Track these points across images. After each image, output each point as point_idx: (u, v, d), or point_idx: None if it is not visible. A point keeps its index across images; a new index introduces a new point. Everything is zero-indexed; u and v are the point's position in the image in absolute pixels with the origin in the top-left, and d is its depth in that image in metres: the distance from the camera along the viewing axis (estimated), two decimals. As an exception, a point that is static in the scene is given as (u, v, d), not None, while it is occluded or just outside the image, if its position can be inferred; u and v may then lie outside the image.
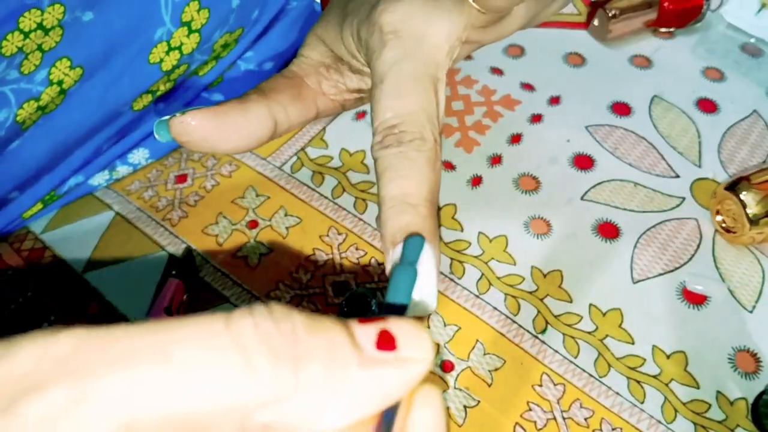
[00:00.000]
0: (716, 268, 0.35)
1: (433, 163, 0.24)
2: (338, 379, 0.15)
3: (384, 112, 0.25)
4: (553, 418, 0.30)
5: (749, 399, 0.30)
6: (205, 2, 0.34)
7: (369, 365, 0.15)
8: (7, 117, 0.29)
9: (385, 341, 0.16)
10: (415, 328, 0.16)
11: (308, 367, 0.15)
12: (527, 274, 0.34)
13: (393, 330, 0.16)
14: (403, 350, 0.16)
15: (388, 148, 0.24)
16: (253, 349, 0.14)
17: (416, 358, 0.16)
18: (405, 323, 0.16)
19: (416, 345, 0.16)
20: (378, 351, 0.16)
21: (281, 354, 0.15)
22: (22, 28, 0.27)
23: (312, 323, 0.15)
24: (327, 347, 0.15)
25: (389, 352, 0.16)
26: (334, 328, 0.16)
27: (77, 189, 0.37)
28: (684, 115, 0.42)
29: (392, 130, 0.24)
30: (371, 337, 0.16)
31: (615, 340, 0.32)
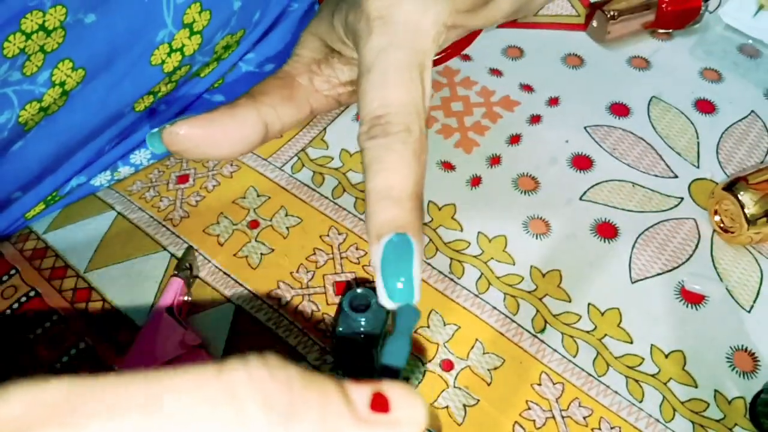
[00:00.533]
0: (714, 267, 0.35)
1: (419, 155, 0.24)
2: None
3: (371, 102, 0.25)
4: (552, 417, 0.30)
5: (747, 398, 0.30)
6: (206, 4, 0.34)
7: (362, 425, 0.15)
8: (10, 118, 0.30)
9: (378, 403, 0.16)
10: (408, 391, 0.16)
11: (302, 420, 0.15)
12: (526, 273, 0.34)
13: (386, 392, 0.16)
14: (396, 413, 0.16)
15: (374, 139, 0.24)
16: (245, 399, 0.14)
17: (409, 421, 0.16)
18: (399, 386, 0.16)
19: (409, 408, 0.16)
20: (371, 412, 0.16)
21: (275, 405, 0.14)
22: (24, 29, 0.28)
23: (307, 376, 0.15)
24: (321, 402, 0.15)
25: (382, 414, 0.16)
26: (328, 384, 0.16)
27: (79, 189, 0.37)
28: (682, 115, 0.42)
29: (378, 120, 0.24)
30: (365, 398, 0.16)
31: (614, 340, 0.32)
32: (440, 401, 0.30)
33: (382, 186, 0.23)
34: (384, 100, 0.24)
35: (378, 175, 0.24)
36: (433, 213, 0.37)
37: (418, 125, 0.24)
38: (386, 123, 0.24)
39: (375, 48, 0.25)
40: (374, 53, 0.25)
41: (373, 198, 0.23)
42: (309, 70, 0.31)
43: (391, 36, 0.25)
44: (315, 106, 0.32)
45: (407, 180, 0.24)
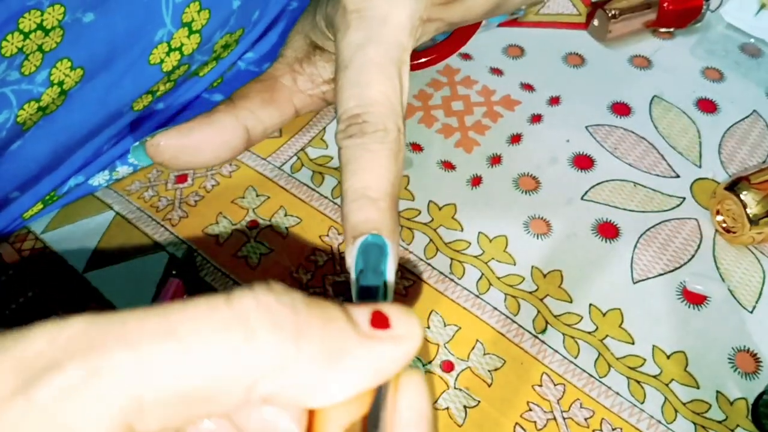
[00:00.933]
0: (716, 268, 0.35)
1: (396, 154, 0.24)
2: (337, 352, 0.16)
3: (348, 100, 0.25)
4: (553, 418, 0.30)
5: (749, 399, 0.30)
6: (205, 3, 0.34)
7: (366, 340, 0.16)
8: (8, 118, 0.30)
9: (379, 320, 0.17)
10: (405, 310, 0.17)
11: (309, 338, 0.15)
12: (527, 274, 0.34)
13: (385, 311, 0.17)
14: (396, 329, 0.17)
15: (351, 138, 0.24)
16: (254, 321, 0.15)
17: (408, 336, 0.17)
18: (395, 306, 0.17)
19: (407, 324, 0.17)
20: (373, 329, 0.16)
21: (282, 325, 0.15)
22: (21, 28, 0.27)
23: (310, 300, 0.16)
24: (325, 321, 0.16)
25: (383, 330, 0.16)
26: (331, 306, 0.16)
27: (78, 189, 0.37)
28: (684, 115, 0.42)
29: (356, 119, 0.24)
30: (366, 316, 0.17)
31: (615, 340, 0.32)
32: (441, 402, 0.30)
33: (359, 186, 0.24)
34: (361, 99, 0.24)
35: (354, 175, 0.24)
36: (433, 213, 0.37)
37: (395, 124, 0.24)
38: (363, 122, 0.24)
39: (352, 43, 0.25)
40: (352, 49, 0.25)
41: (350, 198, 0.24)
42: (292, 70, 0.31)
43: (368, 30, 0.25)
44: (299, 106, 0.31)
45: (383, 180, 0.24)
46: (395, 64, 0.25)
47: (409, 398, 0.17)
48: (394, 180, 0.24)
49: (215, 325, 0.15)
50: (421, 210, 0.37)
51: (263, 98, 0.30)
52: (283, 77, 0.31)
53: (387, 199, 0.24)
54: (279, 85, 0.31)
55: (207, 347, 0.14)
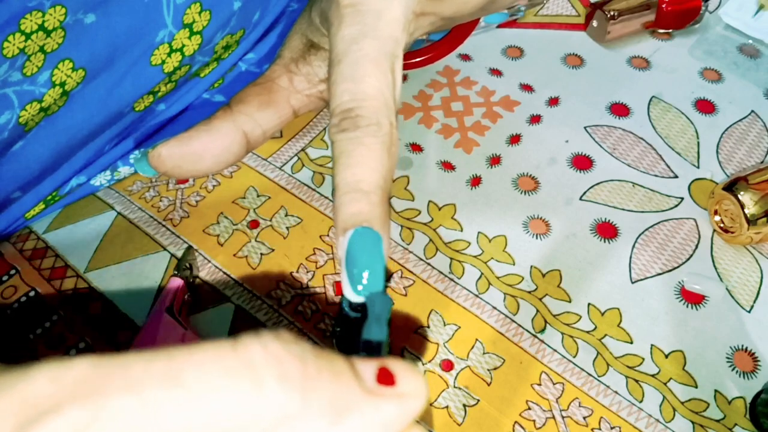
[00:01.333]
0: (714, 267, 0.35)
1: (388, 148, 0.24)
2: (344, 407, 0.15)
3: (341, 94, 0.25)
4: (552, 417, 0.30)
5: (747, 398, 0.30)
6: (206, 4, 0.34)
7: (371, 397, 0.16)
8: (10, 119, 0.30)
9: (385, 377, 0.17)
10: (411, 367, 0.17)
11: (316, 391, 0.15)
12: (526, 273, 0.34)
13: (391, 368, 0.17)
14: (401, 386, 0.17)
15: (344, 132, 0.24)
16: (262, 370, 0.15)
17: (413, 394, 0.17)
18: (401, 363, 0.17)
19: (413, 382, 0.17)
20: (379, 385, 0.16)
21: (290, 376, 0.15)
22: (23, 29, 0.28)
23: (318, 351, 0.16)
24: (332, 376, 0.16)
25: (389, 387, 0.16)
26: (338, 359, 0.16)
27: (79, 189, 0.37)
28: (682, 115, 0.42)
29: (349, 113, 0.24)
30: (372, 372, 0.17)
31: (614, 340, 0.32)
32: (440, 401, 0.30)
33: (351, 179, 0.24)
34: (354, 93, 0.24)
35: (347, 169, 0.24)
36: (433, 213, 0.37)
37: (388, 118, 0.25)
38: (356, 116, 0.24)
39: (346, 37, 0.25)
40: (345, 43, 0.25)
41: (341, 191, 0.24)
42: (288, 71, 0.31)
43: (361, 25, 0.25)
44: (297, 107, 0.31)
45: (375, 173, 0.24)
46: (389, 59, 0.25)
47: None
48: (386, 173, 0.24)
49: (222, 373, 0.14)
50: (421, 210, 0.37)
51: (260, 101, 0.30)
52: (280, 79, 0.31)
53: (379, 192, 0.24)
54: (276, 87, 0.31)
55: (213, 395, 0.14)
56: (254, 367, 0.15)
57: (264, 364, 0.15)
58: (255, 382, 0.15)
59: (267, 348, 0.15)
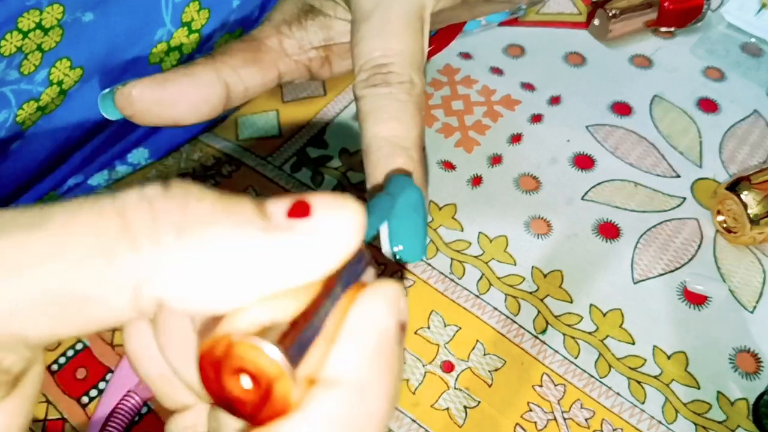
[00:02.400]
0: (717, 268, 0.35)
1: (422, 109, 0.23)
2: (236, 245, 0.13)
3: (371, 50, 0.24)
4: (554, 418, 0.30)
5: (750, 399, 0.30)
6: (205, 3, 0.34)
7: (274, 231, 0.13)
8: (7, 117, 0.30)
9: (297, 209, 0.14)
10: (338, 196, 0.14)
11: (195, 231, 0.13)
12: (527, 274, 0.34)
13: (310, 200, 0.14)
14: (316, 219, 0.14)
15: (375, 88, 0.23)
16: (131, 215, 0.13)
17: (329, 228, 0.14)
18: (327, 194, 0.14)
19: (336, 212, 0.14)
20: (287, 219, 0.14)
21: (163, 220, 0.13)
22: (20, 27, 0.27)
23: (218, 195, 0.14)
24: (225, 215, 0.13)
25: (300, 219, 0.14)
26: (243, 200, 0.14)
27: (76, 189, 0.37)
28: (685, 114, 0.42)
29: (380, 69, 0.23)
30: (283, 207, 0.14)
31: (615, 341, 0.32)
32: (441, 403, 0.30)
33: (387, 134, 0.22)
34: (386, 49, 0.23)
35: (381, 124, 0.22)
36: (433, 213, 0.37)
37: (420, 79, 0.24)
38: (388, 72, 0.23)
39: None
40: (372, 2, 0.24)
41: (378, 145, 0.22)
42: (278, 32, 0.30)
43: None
44: (283, 70, 0.30)
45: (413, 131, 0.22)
46: (418, 20, 0.24)
47: (361, 309, 0.14)
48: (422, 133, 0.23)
49: (92, 221, 0.13)
50: (422, 210, 0.37)
51: (246, 57, 0.28)
52: (269, 39, 0.30)
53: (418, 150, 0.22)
54: (264, 47, 0.29)
55: (76, 238, 0.13)
56: (125, 212, 0.13)
57: (135, 208, 0.13)
58: (122, 225, 0.13)
59: (143, 194, 0.13)
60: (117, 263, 0.13)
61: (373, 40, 0.24)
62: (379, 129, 0.23)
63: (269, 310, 0.14)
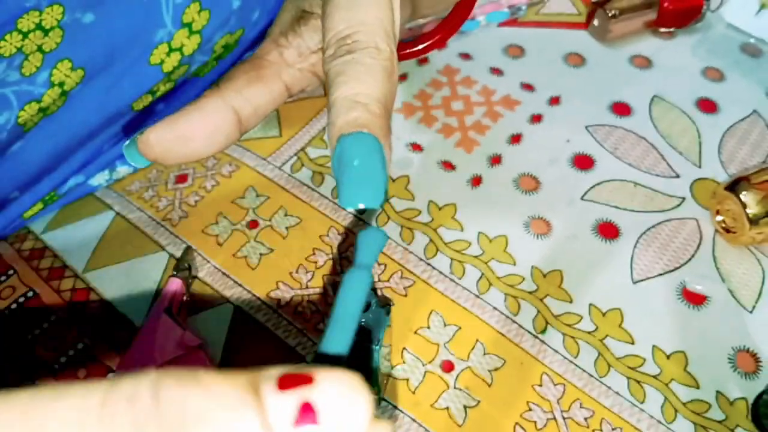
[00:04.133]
0: (716, 268, 0.35)
1: (390, 73, 0.23)
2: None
3: (336, 25, 0.23)
4: (554, 418, 0.30)
5: (749, 399, 0.30)
6: (206, 3, 0.34)
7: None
8: (9, 119, 0.30)
9: (304, 416, 0.13)
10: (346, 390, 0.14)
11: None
12: (527, 274, 0.34)
13: (316, 398, 0.13)
14: (327, 423, 0.13)
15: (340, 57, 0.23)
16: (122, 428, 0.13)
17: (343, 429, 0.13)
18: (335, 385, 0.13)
19: (345, 414, 0.13)
20: (295, 427, 0.13)
21: None
22: (20, 28, 0.27)
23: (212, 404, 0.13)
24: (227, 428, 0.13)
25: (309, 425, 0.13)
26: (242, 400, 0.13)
27: (77, 189, 0.37)
28: (684, 115, 0.42)
29: (345, 41, 0.23)
30: (290, 412, 0.13)
31: (615, 340, 0.32)
32: (441, 402, 0.30)
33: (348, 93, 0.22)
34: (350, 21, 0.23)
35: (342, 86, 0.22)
36: (433, 213, 0.37)
37: (388, 45, 0.23)
38: (353, 42, 0.23)
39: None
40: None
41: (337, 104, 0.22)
42: (277, 45, 0.30)
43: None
44: (289, 82, 0.30)
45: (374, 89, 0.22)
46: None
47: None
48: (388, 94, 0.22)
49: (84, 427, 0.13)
50: (421, 210, 0.37)
51: (249, 77, 0.29)
52: (269, 54, 0.30)
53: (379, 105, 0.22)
54: (265, 63, 0.30)
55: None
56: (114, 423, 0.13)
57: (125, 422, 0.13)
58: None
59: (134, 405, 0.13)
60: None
61: (338, 13, 0.24)
62: (341, 90, 0.22)
63: None
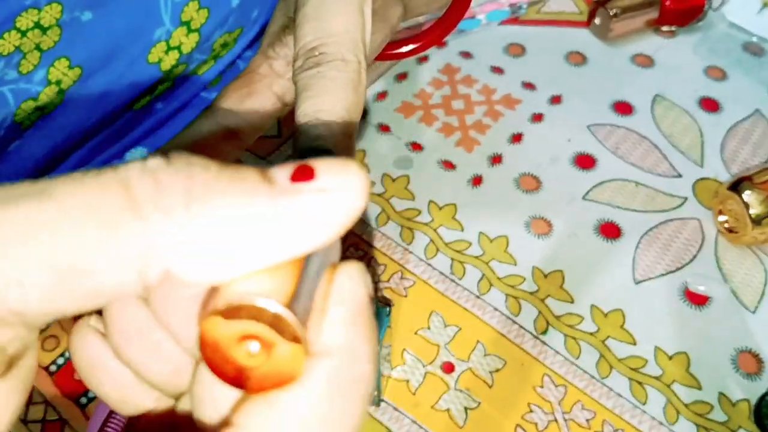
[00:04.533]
0: (719, 268, 0.34)
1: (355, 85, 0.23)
2: (242, 212, 0.13)
3: (305, 34, 0.24)
4: (555, 419, 0.30)
5: (752, 400, 0.30)
6: (204, 2, 0.34)
7: (280, 195, 0.13)
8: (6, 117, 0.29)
9: (301, 173, 0.14)
10: (340, 160, 0.14)
11: (203, 200, 0.13)
12: (528, 274, 0.34)
13: (313, 164, 0.14)
14: (322, 180, 0.14)
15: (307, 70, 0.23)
16: (135, 186, 0.13)
17: (339, 186, 0.14)
18: (329, 159, 0.14)
19: (340, 173, 0.14)
20: (292, 183, 0.14)
21: (170, 191, 0.13)
22: (18, 26, 0.27)
23: (221, 166, 0.14)
24: (231, 184, 0.13)
25: (305, 182, 0.14)
26: (246, 169, 0.14)
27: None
28: (686, 114, 0.41)
29: (312, 52, 0.23)
30: (286, 173, 0.14)
31: (617, 341, 0.32)
32: (441, 404, 0.30)
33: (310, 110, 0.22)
34: (318, 32, 0.23)
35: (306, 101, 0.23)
36: (433, 213, 0.36)
37: (355, 56, 0.24)
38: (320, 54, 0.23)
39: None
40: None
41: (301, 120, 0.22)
42: (266, 57, 0.30)
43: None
44: (281, 93, 0.30)
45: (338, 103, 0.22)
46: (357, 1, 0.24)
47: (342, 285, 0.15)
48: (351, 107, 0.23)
49: (97, 190, 0.13)
50: (422, 210, 0.37)
51: (240, 94, 0.29)
52: (260, 68, 0.30)
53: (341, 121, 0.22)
54: (255, 77, 0.30)
55: (81, 209, 0.13)
56: (129, 184, 0.13)
57: (139, 179, 0.13)
58: (127, 196, 0.13)
59: (146, 165, 0.13)
60: (122, 234, 0.13)
61: (307, 24, 0.24)
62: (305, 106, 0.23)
63: (269, 280, 0.14)
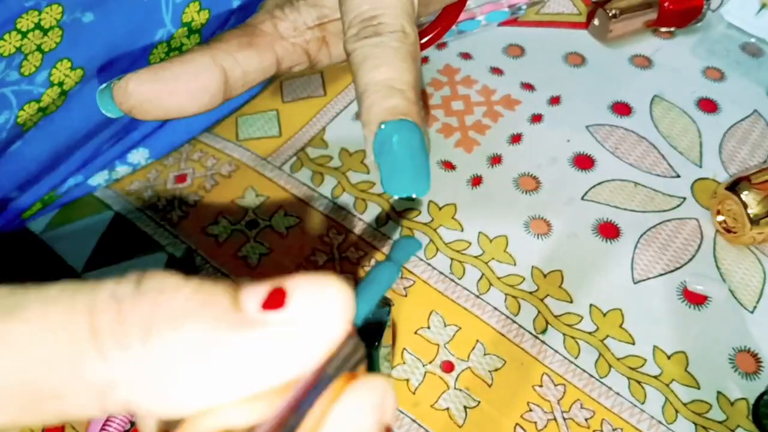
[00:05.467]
0: (717, 268, 0.35)
1: (416, 57, 0.23)
2: (205, 345, 0.12)
3: (360, 5, 0.24)
4: (554, 418, 0.30)
5: (750, 399, 0.30)
6: (205, 3, 0.34)
7: (244, 328, 0.13)
8: (9, 119, 0.30)
9: (272, 300, 0.13)
10: (319, 279, 0.13)
11: (163, 331, 0.12)
12: (527, 274, 0.34)
13: (287, 285, 0.13)
14: (294, 308, 0.13)
15: (366, 39, 0.23)
16: (99, 316, 0.13)
17: (312, 316, 0.13)
18: (307, 277, 0.13)
19: (316, 300, 0.13)
20: (261, 312, 0.13)
21: (129, 320, 0.13)
22: (19, 28, 0.27)
23: (188, 286, 0.13)
24: (199, 308, 0.13)
25: (275, 310, 0.13)
26: (216, 290, 0.13)
27: (77, 189, 0.37)
28: (685, 115, 0.42)
29: (370, 21, 0.23)
30: (258, 297, 0.13)
31: (615, 341, 0.32)
32: (441, 403, 0.30)
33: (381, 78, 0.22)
34: (374, 2, 0.23)
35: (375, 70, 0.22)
36: (433, 213, 0.37)
37: (412, 29, 0.23)
38: (378, 24, 0.23)
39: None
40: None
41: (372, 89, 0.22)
42: (272, 17, 0.29)
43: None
44: (281, 54, 0.29)
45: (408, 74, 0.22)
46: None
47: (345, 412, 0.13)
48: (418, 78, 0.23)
49: (64, 318, 0.13)
50: (421, 210, 0.37)
51: (241, 42, 0.28)
52: (264, 24, 0.29)
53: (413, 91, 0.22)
54: (258, 31, 0.29)
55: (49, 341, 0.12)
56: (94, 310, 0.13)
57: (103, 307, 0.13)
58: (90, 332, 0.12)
59: (115, 290, 0.13)
60: (85, 367, 0.12)
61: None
62: (373, 75, 0.22)
63: (241, 411, 0.13)
